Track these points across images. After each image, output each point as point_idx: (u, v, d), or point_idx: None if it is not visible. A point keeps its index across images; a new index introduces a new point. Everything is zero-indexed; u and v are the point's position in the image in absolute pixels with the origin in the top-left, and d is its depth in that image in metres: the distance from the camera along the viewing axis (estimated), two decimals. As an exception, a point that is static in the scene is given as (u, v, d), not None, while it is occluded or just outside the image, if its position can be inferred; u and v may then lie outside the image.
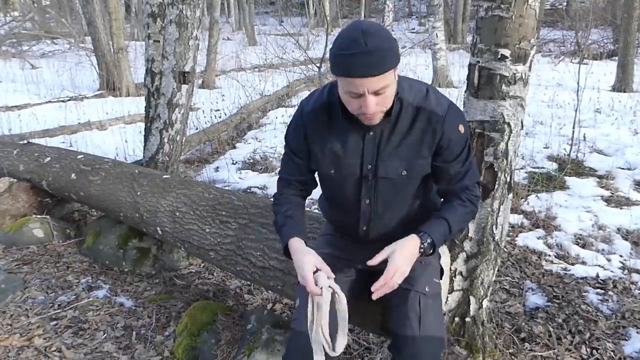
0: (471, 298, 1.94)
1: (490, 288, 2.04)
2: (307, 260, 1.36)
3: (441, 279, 1.56)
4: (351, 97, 1.27)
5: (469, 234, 1.91)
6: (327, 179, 1.51)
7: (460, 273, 1.93)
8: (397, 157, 1.39)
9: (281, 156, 1.62)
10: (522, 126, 1.85)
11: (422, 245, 1.37)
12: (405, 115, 1.37)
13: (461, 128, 1.39)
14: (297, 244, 1.43)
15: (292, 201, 1.55)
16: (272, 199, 1.62)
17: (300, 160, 1.51)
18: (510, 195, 1.92)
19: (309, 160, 1.50)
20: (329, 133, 1.42)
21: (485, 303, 1.98)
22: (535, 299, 2.51)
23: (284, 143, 1.56)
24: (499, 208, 1.88)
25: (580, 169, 4.38)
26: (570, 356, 2.06)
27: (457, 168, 1.43)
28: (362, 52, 1.18)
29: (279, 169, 1.62)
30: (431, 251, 1.41)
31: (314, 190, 1.64)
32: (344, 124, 1.39)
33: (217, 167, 4.84)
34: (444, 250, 1.75)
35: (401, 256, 1.33)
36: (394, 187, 1.44)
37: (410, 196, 1.48)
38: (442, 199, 1.55)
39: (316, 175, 1.58)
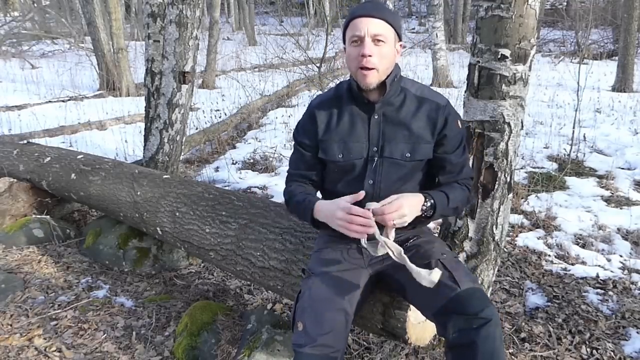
0: (471, 298, 1.94)
1: (490, 288, 2.04)
2: (341, 200, 1.41)
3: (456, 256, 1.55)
4: (354, 46, 1.43)
5: (469, 234, 1.91)
6: (334, 166, 1.56)
7: (460, 273, 1.93)
8: (402, 139, 1.49)
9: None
10: (522, 126, 1.85)
11: (424, 204, 1.44)
12: (409, 103, 1.51)
13: (459, 123, 1.54)
14: (324, 202, 1.50)
15: (304, 186, 1.65)
16: (283, 196, 1.68)
17: (308, 153, 1.60)
18: (510, 195, 1.93)
19: (316, 152, 1.58)
20: (337, 120, 1.55)
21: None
22: (535, 299, 2.51)
23: (293, 142, 1.67)
24: (499, 208, 1.88)
25: (580, 169, 4.38)
26: (570, 356, 2.06)
27: (456, 159, 1.54)
28: (368, 2, 1.45)
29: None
30: (431, 214, 1.45)
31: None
32: (351, 110, 1.53)
33: (217, 167, 4.83)
34: None
35: (407, 199, 1.39)
36: (397, 171, 1.50)
37: (412, 186, 1.53)
38: None
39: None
